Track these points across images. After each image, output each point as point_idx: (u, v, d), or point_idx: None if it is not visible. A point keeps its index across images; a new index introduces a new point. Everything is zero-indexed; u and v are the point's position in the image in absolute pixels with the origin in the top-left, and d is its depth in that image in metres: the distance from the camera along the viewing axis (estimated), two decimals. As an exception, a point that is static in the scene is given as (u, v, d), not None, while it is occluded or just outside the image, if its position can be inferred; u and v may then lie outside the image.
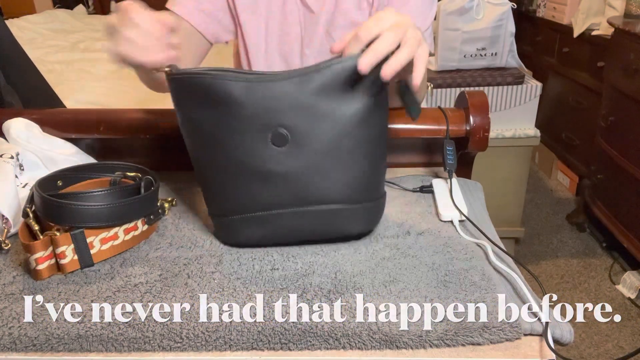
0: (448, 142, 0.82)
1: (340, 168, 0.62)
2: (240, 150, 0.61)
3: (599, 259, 2.07)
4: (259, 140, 0.60)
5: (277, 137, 0.60)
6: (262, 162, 0.61)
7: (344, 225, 0.67)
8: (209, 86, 0.59)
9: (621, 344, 1.63)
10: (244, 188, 0.63)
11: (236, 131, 0.60)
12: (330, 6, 0.95)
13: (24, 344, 0.54)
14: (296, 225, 0.65)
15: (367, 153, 0.63)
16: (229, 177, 0.63)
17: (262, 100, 0.59)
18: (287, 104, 0.59)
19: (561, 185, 2.65)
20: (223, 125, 0.61)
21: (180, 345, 0.54)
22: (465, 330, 0.54)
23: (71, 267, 0.63)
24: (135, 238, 0.69)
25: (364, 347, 0.54)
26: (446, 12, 1.82)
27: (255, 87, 0.59)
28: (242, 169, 0.62)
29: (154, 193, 0.71)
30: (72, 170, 0.75)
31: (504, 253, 0.67)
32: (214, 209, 0.68)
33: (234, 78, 0.58)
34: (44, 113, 0.90)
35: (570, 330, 0.56)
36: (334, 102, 0.60)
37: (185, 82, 0.60)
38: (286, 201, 0.63)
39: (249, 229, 0.66)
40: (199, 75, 0.59)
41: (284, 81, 0.59)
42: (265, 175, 0.62)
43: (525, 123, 1.92)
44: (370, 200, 0.67)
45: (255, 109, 0.59)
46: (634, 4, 1.92)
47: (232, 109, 0.59)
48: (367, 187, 0.65)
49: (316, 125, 0.60)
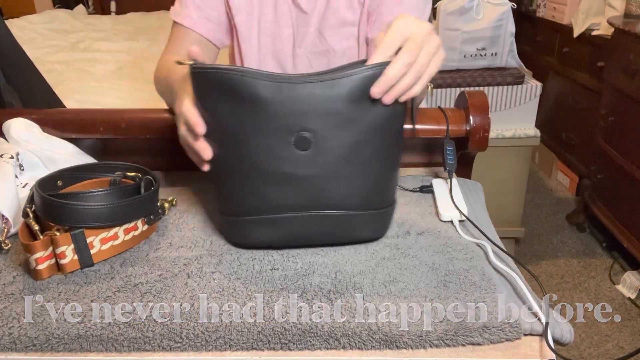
0: (448, 142, 0.82)
1: (357, 174, 0.62)
2: (261, 150, 0.60)
3: (599, 259, 2.07)
4: (281, 141, 0.60)
5: (300, 141, 0.60)
6: (281, 164, 0.61)
7: (354, 231, 0.66)
8: (235, 83, 0.58)
9: (621, 344, 1.63)
10: (259, 189, 0.62)
11: (259, 131, 0.60)
12: (321, 6, 0.95)
13: (24, 344, 0.54)
14: (306, 229, 0.65)
15: (383, 160, 0.64)
16: (245, 176, 0.62)
17: (289, 101, 0.58)
18: (314, 107, 0.58)
19: (561, 185, 2.65)
20: (246, 123, 0.60)
21: (180, 345, 0.54)
22: (465, 330, 0.54)
23: (71, 267, 0.63)
24: (135, 238, 0.68)
25: (364, 347, 0.54)
26: (446, 12, 1.82)
27: (282, 88, 0.58)
28: (260, 169, 0.61)
29: (154, 193, 0.71)
30: (72, 170, 0.75)
31: (504, 253, 0.67)
32: (225, 208, 0.67)
33: (261, 77, 0.58)
34: (44, 113, 0.90)
35: (570, 330, 0.56)
36: (360, 108, 0.60)
37: (209, 78, 0.59)
38: (299, 205, 0.63)
39: (259, 231, 0.65)
40: (225, 71, 0.58)
41: (313, 84, 0.58)
42: (282, 178, 0.61)
43: (525, 123, 1.92)
44: (381, 208, 0.66)
45: (281, 110, 0.58)
46: (634, 4, 1.92)
47: (257, 108, 0.59)
48: (379, 194, 0.65)
49: (340, 131, 0.60)
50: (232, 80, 0.58)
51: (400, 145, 0.66)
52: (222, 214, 0.68)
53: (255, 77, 0.58)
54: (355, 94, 0.59)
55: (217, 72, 0.58)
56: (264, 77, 0.58)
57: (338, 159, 0.61)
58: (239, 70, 0.58)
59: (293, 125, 0.59)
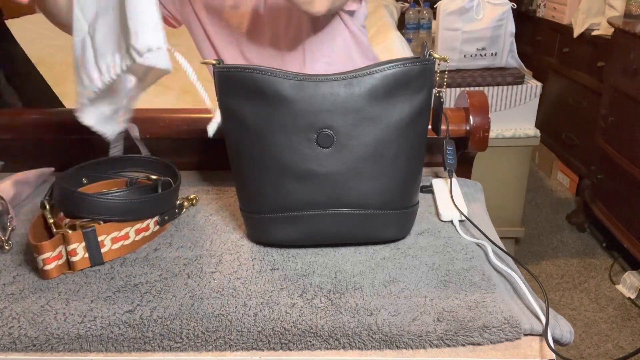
0: (448, 142, 0.82)
1: (380, 174, 0.63)
2: (283, 147, 0.61)
3: (599, 259, 2.07)
4: (303, 139, 0.61)
5: (322, 138, 0.60)
6: (303, 162, 0.61)
7: (377, 231, 0.67)
8: (259, 82, 0.59)
9: (621, 344, 1.63)
10: (281, 186, 0.63)
11: (282, 128, 0.60)
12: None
13: (24, 344, 0.54)
14: (328, 227, 0.65)
15: (407, 161, 0.64)
16: (267, 174, 0.63)
17: (311, 99, 0.59)
18: (335, 104, 0.59)
19: (561, 185, 2.65)
20: (269, 121, 0.61)
21: (180, 345, 0.54)
22: (465, 330, 0.54)
23: (81, 265, 0.63)
24: (145, 239, 0.69)
25: (364, 347, 0.54)
26: (446, 12, 1.82)
27: (305, 86, 0.59)
28: (282, 167, 0.62)
29: (170, 193, 0.72)
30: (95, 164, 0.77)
31: (504, 253, 0.67)
32: (246, 205, 0.67)
33: (283, 75, 0.59)
34: (44, 113, 0.91)
35: (570, 330, 0.56)
36: (383, 106, 0.60)
37: (232, 77, 0.60)
38: (321, 203, 0.63)
39: (280, 228, 0.65)
40: (248, 70, 0.59)
41: (335, 82, 0.59)
42: (305, 175, 0.62)
43: (525, 123, 1.92)
44: (405, 208, 0.66)
45: (304, 107, 0.59)
46: (634, 4, 1.92)
47: (280, 106, 0.60)
48: (402, 194, 0.65)
49: (362, 129, 0.60)
50: (255, 79, 0.59)
51: (425, 145, 0.66)
52: (244, 212, 0.68)
53: (278, 76, 0.59)
54: (377, 92, 0.60)
55: (241, 71, 0.59)
56: (287, 76, 0.59)
57: (360, 156, 0.61)
58: (262, 70, 0.59)
59: (315, 122, 0.60)
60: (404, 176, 0.64)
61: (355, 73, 0.59)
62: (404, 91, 0.60)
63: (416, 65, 0.60)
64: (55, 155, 0.92)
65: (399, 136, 0.62)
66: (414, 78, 0.60)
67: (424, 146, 0.66)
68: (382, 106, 0.60)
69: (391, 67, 0.59)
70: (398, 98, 0.60)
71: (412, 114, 0.62)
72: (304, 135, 0.60)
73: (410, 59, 0.60)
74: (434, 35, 2.09)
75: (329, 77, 0.59)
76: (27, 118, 0.90)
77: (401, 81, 0.60)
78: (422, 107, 0.62)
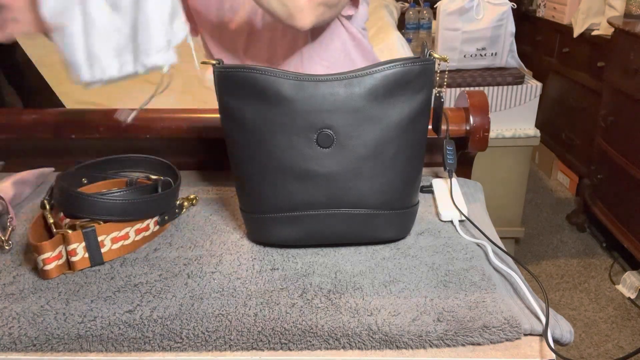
0: (448, 142, 0.82)
1: (380, 173, 0.63)
2: (283, 147, 0.61)
3: (599, 259, 2.07)
4: (303, 139, 0.61)
5: (322, 138, 0.61)
6: (303, 162, 0.61)
7: (377, 231, 0.67)
8: (258, 82, 0.59)
9: (621, 344, 1.63)
10: (281, 186, 0.63)
11: (282, 128, 0.61)
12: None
13: (24, 344, 0.54)
14: (328, 227, 0.65)
15: (407, 161, 0.64)
16: (267, 174, 0.63)
17: (311, 99, 0.59)
18: (336, 104, 0.60)
19: (561, 185, 2.65)
20: (269, 121, 0.61)
21: (180, 345, 0.54)
22: (465, 330, 0.54)
23: (81, 265, 0.63)
24: (145, 239, 0.69)
25: (364, 347, 0.54)
26: (446, 12, 1.82)
27: (305, 86, 0.59)
28: (282, 167, 0.62)
29: (171, 193, 0.72)
30: (96, 164, 0.77)
31: (504, 253, 0.67)
32: (246, 205, 0.67)
33: (283, 75, 0.59)
34: (44, 113, 0.91)
35: (570, 330, 0.56)
36: (383, 106, 0.60)
37: (232, 77, 0.60)
38: (321, 203, 0.63)
39: (280, 228, 0.65)
40: (248, 70, 0.59)
41: (335, 82, 0.59)
42: (305, 175, 0.62)
43: (525, 123, 1.92)
44: (405, 208, 0.66)
45: (303, 107, 0.60)
46: (634, 4, 1.92)
47: (280, 106, 0.60)
48: (402, 194, 0.65)
49: (362, 129, 0.61)
50: (255, 79, 0.59)
51: (425, 145, 0.66)
52: (244, 212, 0.68)
53: (278, 76, 0.59)
54: (377, 92, 0.60)
55: (241, 71, 0.60)
56: (287, 76, 0.59)
57: (360, 156, 0.61)
58: (262, 70, 0.59)
59: (315, 122, 0.60)
60: (404, 176, 0.64)
61: (355, 73, 0.59)
62: (404, 91, 0.60)
63: (416, 65, 0.60)
64: (55, 155, 0.92)
65: (399, 136, 0.62)
66: (414, 78, 0.60)
67: (424, 146, 0.66)
68: (382, 106, 0.60)
69: (391, 67, 0.59)
70: (398, 98, 0.60)
71: (412, 114, 0.62)
72: (304, 135, 0.60)
73: (410, 59, 0.60)
74: (434, 35, 2.09)
75: (329, 77, 0.59)
76: (27, 118, 0.90)
77: (401, 81, 0.60)
78: (422, 107, 0.62)
